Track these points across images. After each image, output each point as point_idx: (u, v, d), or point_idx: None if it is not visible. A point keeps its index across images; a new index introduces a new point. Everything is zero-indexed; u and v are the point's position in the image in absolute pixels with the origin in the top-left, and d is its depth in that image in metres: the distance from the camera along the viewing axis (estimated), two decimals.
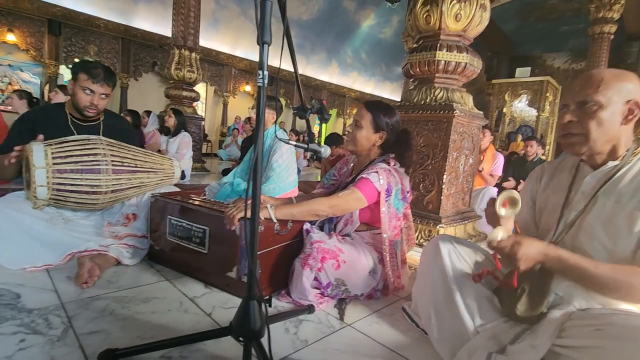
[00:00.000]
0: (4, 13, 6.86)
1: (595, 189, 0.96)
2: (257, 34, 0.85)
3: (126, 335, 1.07)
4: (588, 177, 0.99)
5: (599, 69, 0.97)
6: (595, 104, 0.91)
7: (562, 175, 1.09)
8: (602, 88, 0.90)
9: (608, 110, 0.90)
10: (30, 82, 7.41)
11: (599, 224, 0.93)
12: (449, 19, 2.35)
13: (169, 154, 4.23)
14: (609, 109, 0.90)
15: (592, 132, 0.92)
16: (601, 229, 0.92)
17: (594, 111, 0.91)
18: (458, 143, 2.38)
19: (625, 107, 0.91)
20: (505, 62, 13.20)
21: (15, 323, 1.08)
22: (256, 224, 0.90)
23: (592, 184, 0.98)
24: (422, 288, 1.20)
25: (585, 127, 0.93)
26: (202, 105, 10.17)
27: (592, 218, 0.95)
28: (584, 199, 0.98)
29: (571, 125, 0.95)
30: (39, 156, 1.45)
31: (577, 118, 0.94)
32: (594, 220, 0.94)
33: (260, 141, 0.86)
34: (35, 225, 1.51)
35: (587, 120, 0.92)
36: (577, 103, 0.94)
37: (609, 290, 0.88)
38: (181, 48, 5.47)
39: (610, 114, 0.91)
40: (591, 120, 0.92)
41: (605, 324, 0.80)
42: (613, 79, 0.91)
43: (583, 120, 0.93)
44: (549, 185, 1.12)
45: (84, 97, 1.68)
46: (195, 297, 1.36)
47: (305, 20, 10.65)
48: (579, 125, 0.94)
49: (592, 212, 0.95)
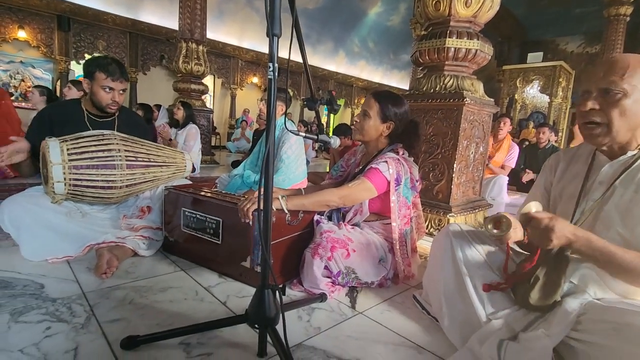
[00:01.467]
0: (15, 10, 6.94)
1: (613, 178, 0.95)
2: (267, 26, 0.85)
3: (146, 323, 1.11)
4: (606, 166, 0.97)
5: (623, 54, 0.92)
6: (620, 91, 0.87)
7: (578, 164, 1.07)
8: (627, 75, 0.86)
9: (632, 99, 0.87)
10: (42, 79, 7.51)
11: (616, 213, 0.92)
12: (458, 5, 2.31)
13: (178, 146, 4.27)
14: (633, 97, 0.87)
15: (615, 121, 0.89)
16: (619, 218, 0.91)
17: (618, 99, 0.88)
18: (468, 131, 2.36)
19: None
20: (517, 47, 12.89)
21: (41, 312, 1.13)
22: (269, 214, 0.92)
23: (610, 173, 0.96)
24: (433, 276, 1.21)
25: (609, 116, 0.90)
26: (210, 97, 10.20)
27: (610, 207, 0.93)
28: (601, 188, 0.96)
29: (593, 113, 0.92)
30: (55, 152, 1.49)
31: (599, 106, 0.91)
32: (611, 209, 0.93)
33: (272, 134, 0.87)
34: (55, 219, 1.57)
35: (610, 108, 0.89)
36: (600, 90, 0.91)
37: (633, 276, 0.86)
38: (188, 41, 5.47)
39: (634, 102, 0.87)
40: (614, 108, 0.89)
41: (624, 325, 0.78)
42: (638, 65, 0.87)
43: (606, 108, 0.90)
44: (564, 174, 1.10)
45: (105, 95, 1.71)
46: (210, 287, 1.40)
47: (311, 10, 10.52)
48: (601, 114, 0.91)
49: (609, 202, 0.94)
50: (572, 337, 0.84)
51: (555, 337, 0.84)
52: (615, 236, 0.91)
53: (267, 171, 0.90)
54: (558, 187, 1.11)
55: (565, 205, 1.06)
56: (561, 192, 1.09)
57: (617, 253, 0.84)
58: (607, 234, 0.92)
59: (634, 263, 0.83)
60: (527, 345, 0.86)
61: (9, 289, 1.25)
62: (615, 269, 0.87)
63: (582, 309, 0.89)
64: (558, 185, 1.11)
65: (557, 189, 1.11)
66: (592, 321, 0.84)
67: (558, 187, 1.11)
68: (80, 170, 1.55)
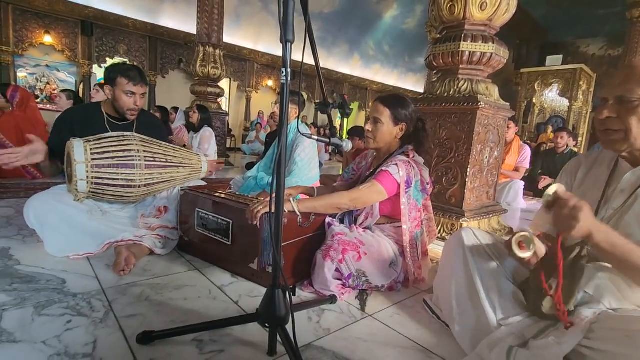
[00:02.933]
0: (41, 16, 7.24)
1: (635, 186, 0.93)
2: (280, 32, 0.88)
3: (161, 319, 1.15)
4: (628, 174, 0.95)
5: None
6: (637, 99, 0.86)
7: (600, 169, 1.04)
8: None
9: None
10: (66, 82, 7.80)
11: (636, 223, 0.90)
12: (473, 8, 2.30)
13: (193, 149, 4.36)
14: None
15: (634, 129, 0.87)
16: (638, 228, 0.89)
17: (636, 107, 0.86)
18: (482, 136, 2.34)
19: None
20: (536, 50, 12.64)
21: (62, 306, 1.18)
22: (280, 216, 0.94)
23: (632, 181, 0.94)
24: (444, 281, 1.21)
25: (627, 123, 0.88)
26: (226, 100, 10.37)
27: (630, 217, 0.91)
28: (623, 196, 0.94)
29: (610, 121, 0.91)
30: (79, 152, 1.55)
31: (616, 114, 0.89)
32: (632, 218, 0.91)
33: (284, 137, 0.90)
34: (77, 217, 1.63)
35: (628, 116, 0.88)
36: (617, 98, 0.89)
37: None
38: (206, 45, 5.59)
39: None
40: (632, 116, 0.87)
41: (636, 332, 0.76)
42: None
43: (624, 116, 0.88)
44: (585, 180, 1.08)
45: (127, 100, 1.78)
46: (223, 286, 1.43)
47: (327, 14, 10.59)
48: (618, 122, 0.89)
49: (630, 211, 0.92)
50: (583, 345, 0.83)
51: (567, 345, 0.82)
52: None
53: (279, 174, 0.92)
54: (578, 193, 1.08)
55: None
56: (581, 198, 1.07)
57: (636, 251, 0.81)
58: None
59: None
60: (537, 352, 0.85)
61: (34, 283, 1.32)
62: (633, 269, 0.84)
63: (595, 318, 0.87)
64: (578, 191, 1.08)
65: (577, 195, 1.08)
66: (605, 329, 0.82)
67: (578, 192, 1.08)
68: (102, 169, 1.61)
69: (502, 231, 2.57)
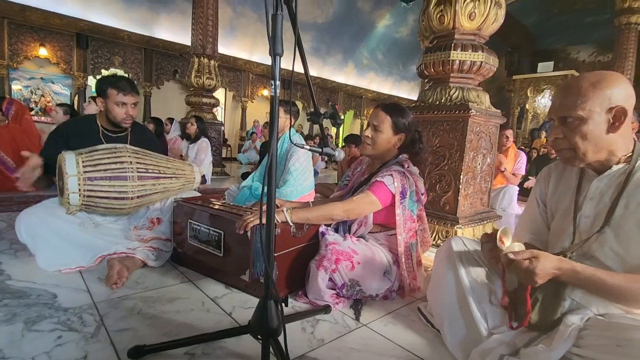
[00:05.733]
0: (37, 29, 7.26)
1: (602, 193, 0.94)
2: (269, 47, 0.89)
3: (153, 333, 1.14)
4: (594, 181, 0.96)
5: (576, 78, 0.92)
6: (575, 119, 0.89)
7: (570, 177, 1.06)
8: (580, 102, 0.87)
9: (590, 123, 0.88)
10: (61, 94, 7.80)
11: (609, 229, 0.90)
12: (462, 18, 2.34)
13: (189, 160, 4.37)
14: (591, 121, 0.87)
15: (580, 146, 0.90)
16: (611, 234, 0.90)
17: (576, 126, 0.89)
18: (475, 143, 2.36)
19: (608, 116, 0.87)
20: (527, 57, 12.83)
21: (53, 321, 1.16)
22: (272, 227, 0.94)
23: (600, 188, 0.95)
24: (435, 290, 1.21)
25: (572, 142, 0.91)
26: (222, 110, 10.40)
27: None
28: (592, 203, 0.95)
29: (559, 142, 0.94)
30: (71, 164, 1.55)
31: (562, 134, 0.93)
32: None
33: (275, 149, 0.90)
34: (69, 230, 1.62)
35: (571, 135, 0.91)
36: (560, 118, 0.93)
37: (625, 300, 0.86)
38: (200, 56, 5.63)
39: (594, 125, 0.88)
40: (575, 135, 0.90)
41: (627, 340, 0.77)
42: (590, 88, 0.87)
43: (568, 135, 0.91)
44: (557, 187, 1.09)
45: (119, 111, 1.79)
46: (217, 298, 1.42)
47: (320, 24, 10.71)
48: (565, 141, 0.92)
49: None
50: (574, 353, 0.83)
51: (557, 352, 0.83)
52: (610, 253, 0.90)
53: (269, 184, 0.92)
54: (553, 200, 1.10)
55: (562, 219, 1.04)
56: (556, 205, 1.08)
57: (604, 279, 0.84)
58: (602, 251, 0.91)
59: (621, 287, 0.83)
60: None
61: (24, 299, 1.30)
62: (605, 294, 0.87)
63: (584, 324, 0.88)
64: (553, 199, 1.10)
65: (552, 202, 1.10)
66: (594, 337, 0.83)
67: (553, 200, 1.10)
68: (94, 182, 1.60)
69: None
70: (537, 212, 1.13)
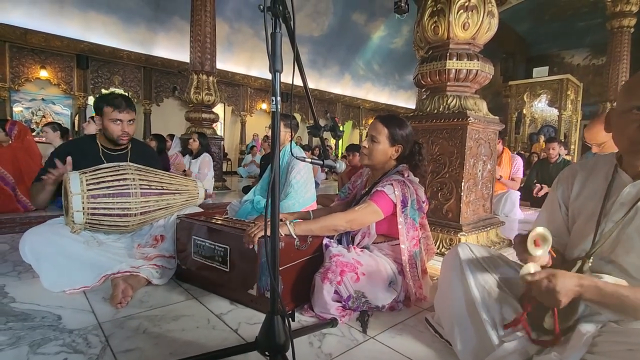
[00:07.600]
0: (37, 51, 7.39)
1: (635, 199, 0.90)
2: (269, 63, 0.91)
3: (159, 353, 1.13)
4: (628, 187, 0.91)
5: None
6: None
7: (597, 181, 1.00)
8: None
9: None
10: (62, 114, 7.88)
11: (637, 236, 0.87)
12: (457, 28, 2.38)
13: (192, 175, 4.40)
14: None
15: None
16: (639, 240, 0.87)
17: None
18: (474, 149, 2.37)
19: None
20: (522, 62, 12.99)
21: (58, 343, 1.15)
22: (276, 241, 0.94)
23: (633, 194, 0.90)
24: (443, 299, 1.20)
25: None
26: (221, 125, 10.48)
27: (632, 230, 0.89)
28: (623, 209, 0.91)
29: None
30: (75, 183, 1.56)
31: None
32: (633, 232, 0.89)
33: (277, 163, 0.91)
34: (73, 248, 1.62)
35: None
36: None
37: None
38: (199, 73, 5.70)
39: None
40: None
41: (638, 345, 0.75)
42: None
43: None
44: (582, 190, 1.04)
45: (115, 128, 1.80)
46: (222, 314, 1.41)
47: (316, 37, 10.89)
48: None
49: (631, 225, 0.89)
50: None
51: (570, 359, 0.82)
52: (636, 261, 0.87)
53: (273, 198, 0.93)
54: (576, 204, 1.05)
55: (585, 224, 1.00)
56: (580, 209, 1.03)
57: (627, 295, 0.80)
58: (626, 258, 0.89)
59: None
60: None
61: (28, 321, 1.29)
62: (630, 311, 0.82)
63: (597, 331, 0.86)
64: (576, 202, 1.05)
65: (575, 205, 1.05)
66: (607, 343, 0.81)
67: (576, 203, 1.05)
68: (98, 199, 1.61)
69: (500, 244, 2.57)
70: (558, 213, 1.09)
